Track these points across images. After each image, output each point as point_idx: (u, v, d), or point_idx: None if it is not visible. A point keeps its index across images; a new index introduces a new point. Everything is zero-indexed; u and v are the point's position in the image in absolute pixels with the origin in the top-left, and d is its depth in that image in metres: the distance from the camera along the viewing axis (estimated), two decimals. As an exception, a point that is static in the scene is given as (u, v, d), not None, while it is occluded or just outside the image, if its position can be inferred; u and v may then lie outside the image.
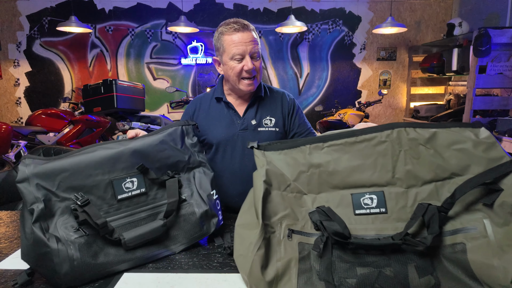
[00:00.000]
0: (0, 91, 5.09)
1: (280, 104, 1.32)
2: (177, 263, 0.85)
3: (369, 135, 0.80)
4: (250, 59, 1.18)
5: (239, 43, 1.16)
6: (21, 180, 0.75)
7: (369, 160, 0.79)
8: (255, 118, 1.27)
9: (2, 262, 0.86)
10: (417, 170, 0.77)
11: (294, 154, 0.83)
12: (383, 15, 4.78)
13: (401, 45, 4.94)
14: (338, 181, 0.81)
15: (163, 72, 5.05)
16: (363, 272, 0.71)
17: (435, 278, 0.70)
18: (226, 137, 1.26)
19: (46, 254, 0.71)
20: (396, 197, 0.77)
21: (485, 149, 0.73)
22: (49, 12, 4.86)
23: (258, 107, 1.29)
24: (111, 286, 0.75)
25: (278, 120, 1.30)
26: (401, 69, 5.01)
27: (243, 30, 1.16)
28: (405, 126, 0.78)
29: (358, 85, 5.07)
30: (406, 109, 5.04)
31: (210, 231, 0.95)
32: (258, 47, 1.21)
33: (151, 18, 4.89)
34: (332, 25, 4.89)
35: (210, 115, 1.29)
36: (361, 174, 0.79)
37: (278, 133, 1.29)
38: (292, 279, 0.71)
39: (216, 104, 1.31)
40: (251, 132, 1.26)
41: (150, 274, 0.80)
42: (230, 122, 1.27)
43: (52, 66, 5.03)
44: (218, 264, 0.85)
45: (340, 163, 0.81)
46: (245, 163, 1.26)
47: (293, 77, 5.05)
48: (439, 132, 0.76)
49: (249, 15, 4.88)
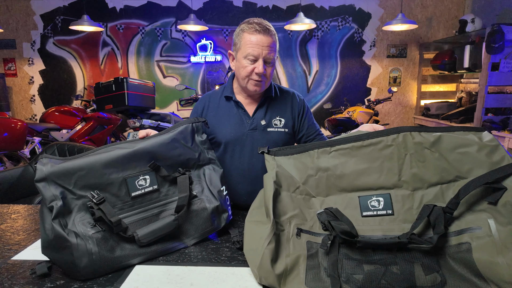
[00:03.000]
0: (15, 89, 5.22)
1: (290, 104, 1.31)
2: (186, 257, 0.88)
3: (376, 139, 0.82)
4: (262, 63, 1.16)
5: (256, 45, 1.15)
6: (39, 180, 0.79)
7: (376, 164, 0.82)
8: (265, 118, 1.27)
9: (21, 253, 0.90)
10: (422, 173, 0.79)
11: (303, 159, 0.87)
12: (394, 12, 4.73)
13: (412, 42, 4.88)
14: (345, 184, 0.84)
15: (173, 70, 5.10)
16: (370, 269, 0.73)
17: (441, 276, 0.71)
18: (235, 136, 1.26)
19: (66, 248, 0.75)
20: (403, 199, 0.80)
21: (488, 152, 0.75)
22: (62, 11, 4.96)
23: (268, 107, 1.28)
24: (124, 278, 0.79)
25: (288, 121, 1.29)
26: (411, 66, 4.95)
27: (263, 33, 1.14)
28: (411, 130, 0.81)
29: (368, 83, 5.03)
30: (417, 107, 4.98)
31: (220, 226, 0.98)
32: (274, 55, 1.19)
33: (161, 16, 4.94)
34: (342, 22, 4.86)
35: (219, 114, 1.29)
36: (368, 177, 0.82)
37: (287, 134, 1.29)
38: (300, 274, 0.73)
39: (226, 103, 1.30)
40: (260, 132, 1.26)
41: (161, 267, 0.83)
42: (239, 121, 1.27)
43: (65, 64, 5.13)
44: (226, 258, 0.87)
45: (347, 167, 0.84)
46: (254, 163, 1.26)
47: (301, 74, 5.04)
48: (443, 136, 0.79)
49: (258, 13, 4.89)
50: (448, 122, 4.00)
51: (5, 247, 0.93)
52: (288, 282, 0.72)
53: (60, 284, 0.76)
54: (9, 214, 1.19)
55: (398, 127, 0.82)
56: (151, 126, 3.11)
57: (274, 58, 1.20)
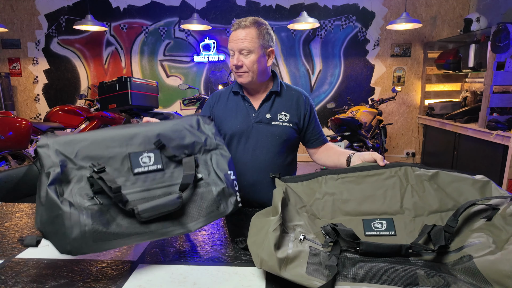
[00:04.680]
0: (20, 88, 5.26)
1: (296, 102, 1.34)
2: (189, 256, 0.88)
3: (380, 170, 0.94)
4: (237, 56, 1.24)
5: (232, 41, 1.25)
6: (41, 145, 0.78)
7: (379, 192, 0.91)
8: (270, 112, 1.31)
9: (25, 252, 0.90)
10: (423, 202, 0.88)
11: (311, 185, 0.97)
12: (398, 11, 4.70)
13: (416, 41, 4.85)
14: (350, 209, 0.91)
15: (176, 69, 5.11)
16: (371, 266, 0.73)
17: (444, 279, 0.71)
18: (241, 128, 1.31)
19: (58, 217, 0.72)
20: (405, 223, 0.87)
21: (481, 185, 0.86)
22: (66, 11, 4.98)
23: (273, 102, 1.32)
24: (126, 277, 0.79)
25: (293, 117, 1.32)
26: (415, 65, 4.92)
27: (238, 28, 1.23)
28: (411, 165, 0.94)
29: (371, 82, 5.01)
30: (421, 106, 4.95)
31: (227, 211, 0.91)
32: (248, 45, 1.22)
33: (165, 16, 4.95)
34: (345, 21, 4.84)
35: (228, 107, 1.35)
36: (372, 204, 0.90)
37: (291, 129, 1.32)
38: (302, 265, 0.73)
39: (234, 97, 1.36)
40: (265, 126, 1.30)
41: (164, 266, 0.83)
42: (245, 114, 1.32)
43: (69, 64, 5.16)
44: (229, 258, 0.87)
45: (352, 193, 0.92)
46: (257, 155, 1.31)
47: (305, 73, 5.03)
48: (440, 172, 0.90)
49: (261, 12, 4.88)
50: (452, 122, 3.98)
51: (9, 246, 0.94)
52: (289, 269, 0.71)
53: (63, 282, 0.76)
54: (14, 212, 1.19)
55: (400, 162, 0.95)
56: (155, 126, 3.11)
57: (246, 48, 1.22)
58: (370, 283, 0.69)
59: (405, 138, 5.13)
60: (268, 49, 1.27)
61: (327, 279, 0.68)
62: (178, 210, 0.84)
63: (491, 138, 3.23)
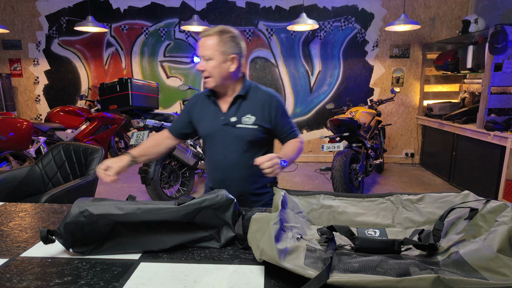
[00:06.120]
0: (21, 89, 5.28)
1: (262, 104, 1.40)
2: (190, 255, 0.90)
3: (373, 198, 1.05)
4: (201, 61, 1.34)
5: (199, 48, 1.36)
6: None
7: (373, 211, 1.02)
8: (236, 115, 1.39)
9: (29, 250, 0.92)
10: (412, 217, 0.99)
11: (309, 199, 1.06)
12: (397, 12, 4.73)
13: (415, 42, 4.87)
14: (345, 219, 1.00)
15: (176, 70, 5.13)
16: (366, 259, 0.77)
17: (435, 272, 0.74)
18: (211, 130, 1.42)
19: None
20: (396, 233, 0.96)
21: (463, 196, 0.97)
22: (67, 12, 5.01)
23: (240, 105, 1.40)
24: (129, 275, 0.81)
25: (258, 119, 1.39)
26: (414, 66, 4.94)
27: (202, 37, 1.33)
28: (401, 193, 1.05)
29: (371, 83, 5.03)
30: (419, 107, 4.98)
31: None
32: (207, 52, 1.31)
33: (165, 17, 4.98)
34: (345, 22, 4.87)
35: (202, 110, 1.46)
36: (366, 218, 1.01)
37: (256, 130, 1.39)
38: (300, 258, 0.76)
39: (207, 100, 1.46)
40: (230, 128, 1.39)
41: (165, 264, 0.86)
42: (214, 117, 1.42)
43: (69, 65, 5.18)
44: (228, 256, 0.89)
45: (348, 208, 1.02)
46: (225, 154, 1.41)
47: (304, 74, 5.06)
48: (427, 195, 1.01)
49: (260, 13, 4.91)
50: (451, 123, 4.00)
51: (13, 245, 0.96)
52: (288, 260, 0.74)
53: (67, 280, 0.78)
54: (17, 212, 1.22)
55: (391, 192, 1.05)
56: (155, 126, 3.13)
57: (207, 54, 1.31)
58: (365, 273, 0.71)
59: (404, 138, 5.15)
60: (230, 55, 1.33)
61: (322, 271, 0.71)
62: None
63: (489, 139, 3.25)
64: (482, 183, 3.47)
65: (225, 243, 0.95)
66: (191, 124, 1.49)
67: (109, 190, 3.82)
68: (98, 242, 0.90)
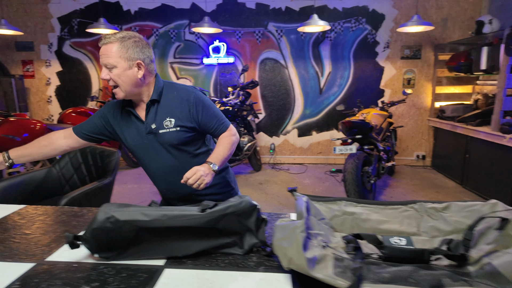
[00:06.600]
0: (33, 90, 5.35)
1: (179, 104, 1.33)
2: (214, 261, 0.90)
3: (396, 206, 1.01)
4: (105, 70, 1.25)
5: (100, 55, 1.27)
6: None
7: (397, 219, 0.98)
8: (155, 121, 1.32)
9: (53, 254, 0.93)
10: (438, 225, 0.95)
11: (330, 205, 1.03)
12: (408, 13, 4.68)
13: (427, 43, 4.82)
14: (369, 226, 0.98)
15: (186, 71, 5.15)
16: (396, 269, 0.76)
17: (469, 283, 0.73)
18: (137, 142, 1.36)
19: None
20: (423, 241, 0.92)
21: (491, 206, 0.93)
22: (78, 14, 5.05)
23: (156, 110, 1.33)
24: (155, 281, 0.81)
25: (179, 120, 1.32)
26: (426, 68, 4.89)
27: (102, 44, 1.25)
28: (425, 201, 1.01)
29: (381, 84, 4.99)
30: (431, 109, 4.92)
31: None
32: (109, 60, 1.22)
33: (175, 19, 4.99)
34: (355, 23, 4.83)
35: (122, 122, 1.37)
36: (390, 225, 0.97)
37: (180, 132, 1.32)
38: (328, 267, 0.75)
39: (124, 111, 1.37)
40: (154, 136, 1.33)
41: (190, 271, 0.85)
42: (136, 128, 1.35)
43: (80, 66, 5.23)
44: (253, 263, 0.88)
45: (371, 216, 0.99)
46: (159, 163, 1.37)
47: (314, 76, 5.03)
48: (453, 203, 0.97)
49: (270, 14, 4.90)
50: (464, 125, 3.94)
51: (38, 249, 0.96)
52: (317, 269, 0.73)
53: (95, 286, 0.78)
54: (38, 215, 1.22)
55: (415, 200, 1.00)
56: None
57: (112, 64, 1.23)
58: (396, 284, 0.70)
59: (415, 140, 5.09)
60: (134, 61, 1.24)
61: (353, 281, 0.69)
62: None
63: (505, 142, 3.19)
64: (496, 187, 3.41)
65: (248, 250, 0.94)
66: (105, 131, 1.40)
67: (121, 191, 3.85)
68: (123, 248, 0.90)
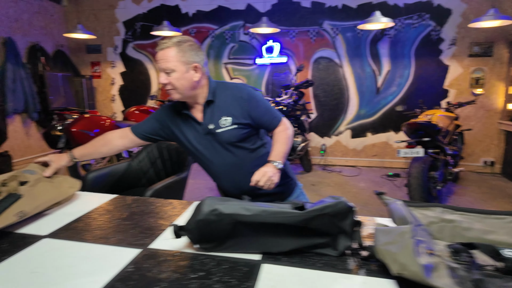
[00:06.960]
0: (99, 89, 5.80)
1: (232, 102, 1.36)
2: (309, 261, 0.89)
3: (500, 215, 0.90)
4: (163, 75, 1.29)
5: (157, 61, 1.31)
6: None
7: (504, 230, 0.87)
8: (212, 121, 1.36)
9: (155, 242, 0.98)
10: None
11: (423, 211, 0.95)
12: (479, 6, 4.31)
13: (500, 39, 4.40)
14: (472, 236, 0.87)
15: (239, 71, 5.24)
16: None
17: None
18: (196, 144, 1.40)
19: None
20: None
21: None
22: (141, 18, 5.38)
23: (212, 111, 1.37)
24: (256, 275, 0.81)
25: (235, 118, 1.35)
26: (498, 66, 4.47)
27: (160, 49, 1.29)
28: None
29: (445, 84, 4.66)
30: (503, 111, 4.48)
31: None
32: (169, 64, 1.26)
33: (230, 20, 5.11)
34: (418, 19, 4.56)
35: (181, 125, 1.42)
36: (498, 236, 0.86)
37: (237, 129, 1.35)
38: (444, 276, 0.69)
39: (181, 115, 1.42)
40: (212, 136, 1.37)
41: (289, 268, 0.85)
42: (194, 130, 1.40)
43: (141, 67, 5.56)
44: (351, 266, 0.86)
45: (474, 225, 0.89)
46: (221, 161, 1.39)
47: (371, 74, 4.85)
48: None
49: (326, 13, 4.81)
50: (546, 129, 3.53)
51: (139, 235, 1.02)
52: (434, 277, 0.67)
53: (201, 275, 0.81)
54: (129, 205, 1.31)
55: None
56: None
57: (171, 68, 1.27)
58: None
59: (482, 145, 4.68)
60: (191, 64, 1.29)
61: None
62: None
63: None
64: None
65: (342, 252, 0.92)
66: (161, 132, 1.46)
67: (178, 185, 4.02)
68: (220, 240, 0.92)
